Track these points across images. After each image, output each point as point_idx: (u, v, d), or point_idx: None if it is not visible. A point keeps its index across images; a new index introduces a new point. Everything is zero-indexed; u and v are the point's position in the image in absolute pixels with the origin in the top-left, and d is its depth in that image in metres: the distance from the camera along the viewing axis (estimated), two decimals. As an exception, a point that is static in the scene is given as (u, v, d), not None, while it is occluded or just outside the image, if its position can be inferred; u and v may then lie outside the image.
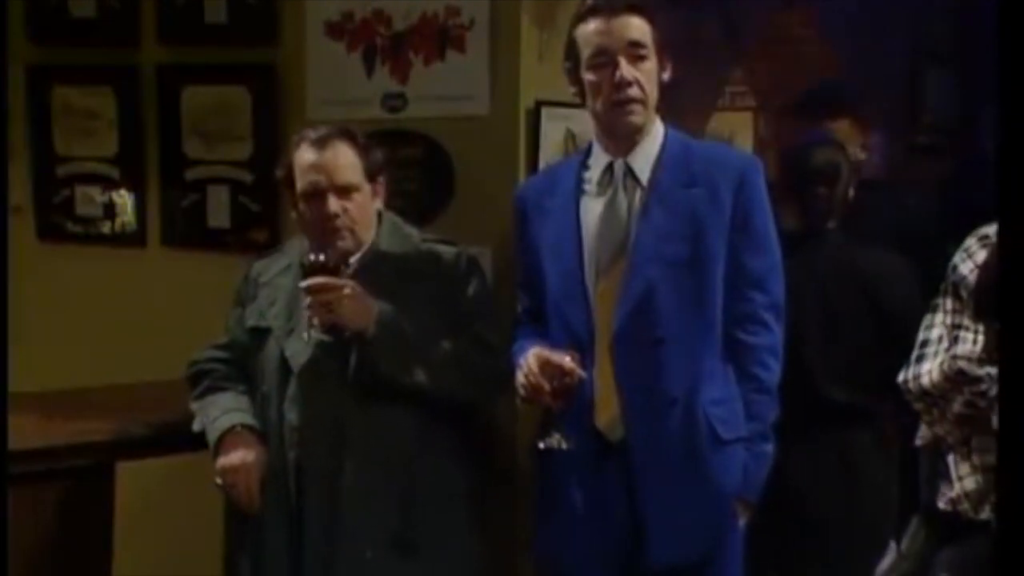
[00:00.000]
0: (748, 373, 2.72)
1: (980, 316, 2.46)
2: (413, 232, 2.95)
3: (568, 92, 2.84)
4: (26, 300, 3.63)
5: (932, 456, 2.67)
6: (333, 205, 2.78)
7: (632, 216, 2.73)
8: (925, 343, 2.58)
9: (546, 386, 2.62)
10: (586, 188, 2.79)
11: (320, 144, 2.81)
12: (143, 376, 3.46)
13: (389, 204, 2.95)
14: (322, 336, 2.73)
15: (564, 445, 2.65)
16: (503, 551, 3.12)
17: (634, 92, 2.70)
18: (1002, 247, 2.27)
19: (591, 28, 2.72)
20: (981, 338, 2.46)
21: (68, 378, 3.54)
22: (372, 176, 2.86)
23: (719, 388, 2.71)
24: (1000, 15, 2.23)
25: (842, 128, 3.62)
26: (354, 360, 2.73)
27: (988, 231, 2.55)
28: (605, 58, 2.70)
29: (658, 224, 2.70)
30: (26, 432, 2.74)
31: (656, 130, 2.79)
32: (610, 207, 2.75)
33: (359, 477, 2.73)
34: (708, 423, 2.68)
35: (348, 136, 2.85)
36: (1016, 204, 2.13)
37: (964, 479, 2.52)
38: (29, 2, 4.03)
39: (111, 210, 4.01)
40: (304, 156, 2.81)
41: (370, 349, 2.71)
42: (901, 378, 2.60)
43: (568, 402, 2.65)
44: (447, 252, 2.90)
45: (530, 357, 2.65)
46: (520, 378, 2.67)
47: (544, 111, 3.25)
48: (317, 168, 2.79)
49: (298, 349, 2.80)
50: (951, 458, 2.56)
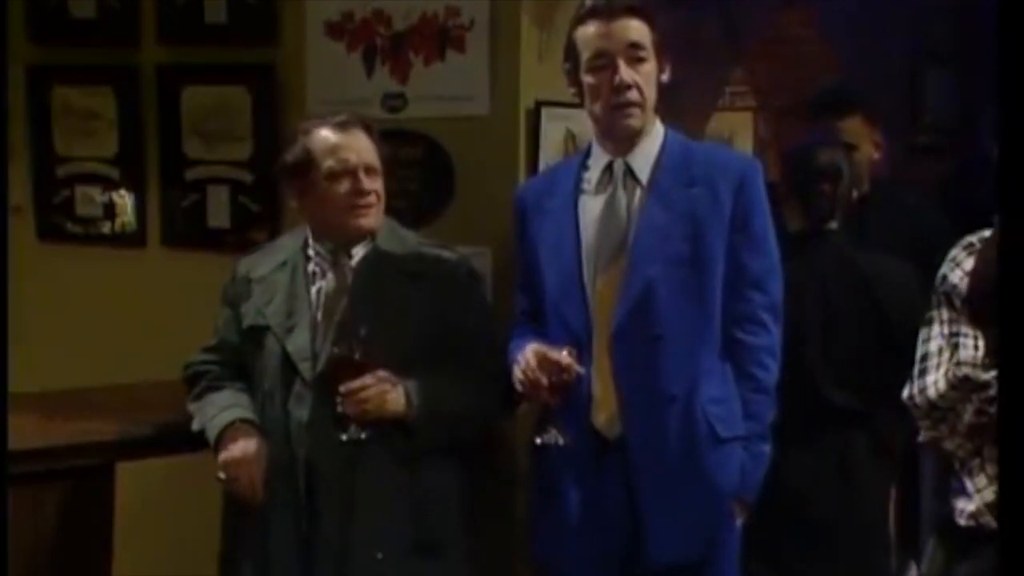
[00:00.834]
0: (746, 373, 2.72)
1: (978, 321, 2.45)
2: (410, 234, 2.94)
3: (568, 92, 2.84)
4: (26, 300, 3.63)
5: (937, 466, 2.65)
6: (366, 182, 2.79)
7: (631, 215, 2.73)
8: (925, 356, 2.57)
9: (544, 381, 2.62)
10: (585, 188, 2.80)
11: (343, 127, 2.82)
12: (143, 376, 3.46)
13: (389, 205, 2.94)
14: (362, 434, 2.69)
15: (561, 441, 2.65)
16: (503, 551, 3.12)
17: (633, 95, 2.70)
18: (1002, 247, 2.27)
19: (590, 30, 2.72)
20: (982, 343, 2.46)
21: (68, 378, 3.54)
22: (384, 164, 2.87)
23: (717, 387, 2.71)
24: (1000, 15, 2.23)
25: (853, 126, 3.60)
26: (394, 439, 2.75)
27: (972, 239, 2.55)
28: (604, 60, 2.70)
29: (657, 223, 2.70)
30: (26, 432, 2.74)
31: (656, 131, 2.79)
32: (609, 206, 2.75)
33: (373, 476, 2.73)
34: (706, 422, 2.68)
35: (363, 123, 2.87)
36: (1016, 204, 2.14)
37: (983, 491, 2.49)
38: (29, 2, 4.03)
39: (111, 210, 4.01)
40: (328, 138, 2.81)
41: (409, 431, 2.73)
42: (906, 394, 2.58)
43: (565, 398, 2.65)
44: (447, 256, 2.90)
45: (528, 353, 2.65)
46: (518, 374, 2.67)
47: (544, 111, 3.25)
48: (346, 147, 2.80)
49: (301, 346, 2.79)
50: (965, 473, 2.54)
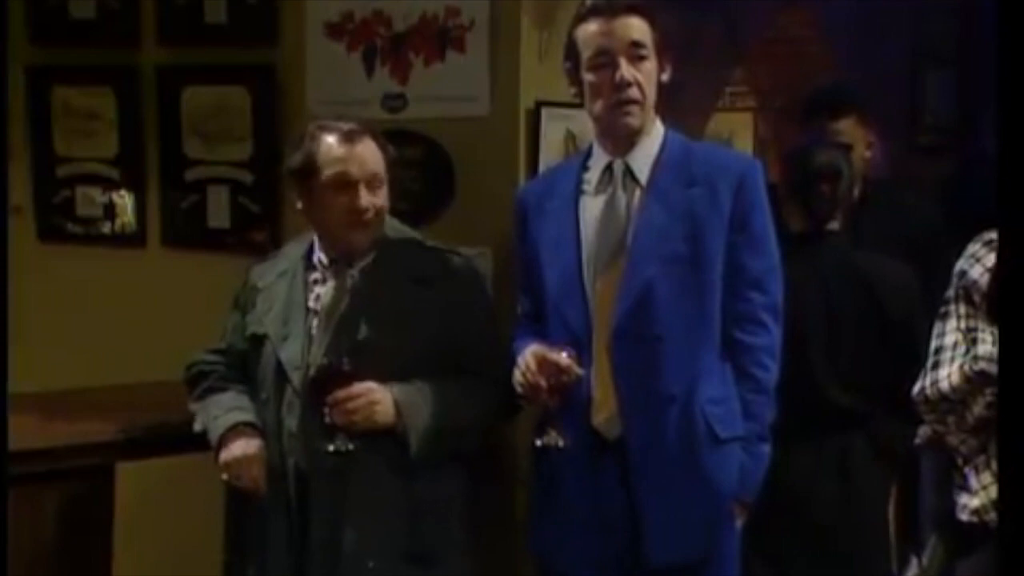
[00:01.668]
0: (746, 373, 2.72)
1: (997, 317, 2.45)
2: (415, 235, 2.94)
3: (568, 92, 2.84)
4: (26, 300, 3.62)
5: (937, 465, 2.65)
6: (365, 198, 2.77)
7: (631, 215, 2.73)
8: (940, 349, 2.56)
9: (543, 384, 2.62)
10: (585, 188, 2.80)
11: (350, 137, 2.80)
12: (143, 376, 3.46)
13: (390, 206, 2.94)
14: (349, 445, 2.68)
15: (561, 443, 2.65)
16: (503, 552, 3.12)
17: (633, 93, 2.70)
18: (1002, 247, 2.27)
19: (591, 29, 2.72)
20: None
21: (68, 378, 3.54)
22: (391, 172, 2.86)
23: (717, 387, 2.71)
24: (1000, 15, 2.23)
25: (848, 127, 3.61)
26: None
27: (992, 235, 2.54)
28: (605, 59, 2.70)
29: (657, 223, 2.70)
30: (26, 433, 2.74)
31: (656, 131, 2.79)
32: (609, 206, 2.75)
33: (366, 484, 2.72)
34: (706, 422, 2.68)
35: (371, 133, 2.85)
36: (1016, 204, 2.14)
37: (988, 487, 2.49)
38: (29, 2, 4.03)
39: (111, 211, 4.01)
40: (333, 147, 2.79)
41: (400, 440, 2.71)
42: (916, 388, 2.58)
43: (565, 400, 2.65)
44: (453, 259, 2.89)
45: (527, 355, 2.65)
46: (518, 376, 2.67)
47: (544, 111, 3.25)
48: (349, 159, 2.78)
49: (293, 355, 2.79)
50: (969, 469, 2.53)
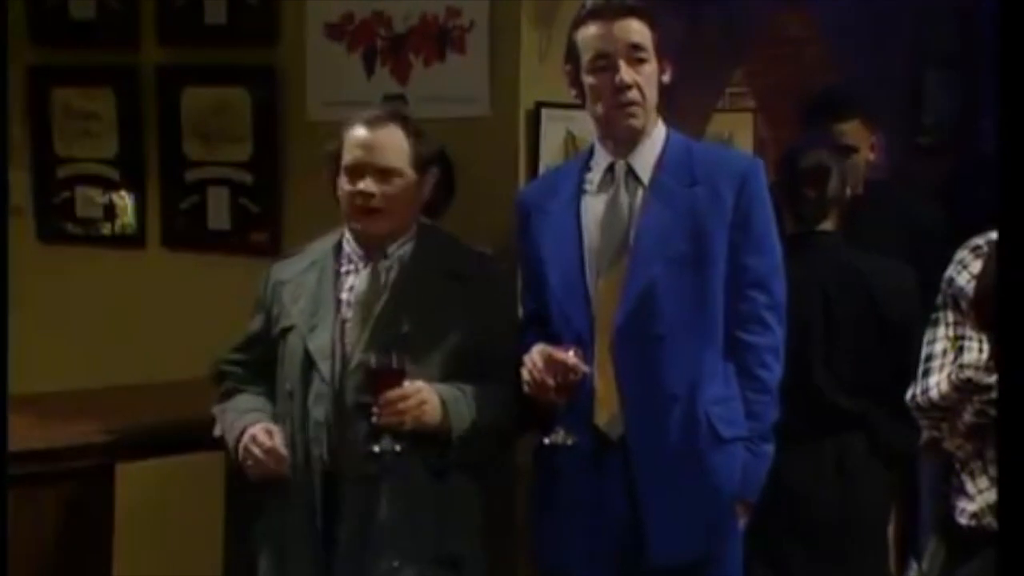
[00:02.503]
0: (749, 373, 2.72)
1: (984, 326, 2.45)
2: (447, 233, 2.91)
3: (568, 93, 2.84)
4: (26, 301, 3.63)
5: (937, 468, 2.65)
6: (369, 185, 2.75)
7: (633, 214, 2.73)
8: (930, 357, 2.57)
9: (550, 382, 2.62)
10: (587, 188, 2.79)
11: (372, 123, 2.77)
12: (143, 377, 3.47)
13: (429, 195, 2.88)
14: (396, 446, 2.64)
15: (570, 441, 2.65)
16: (503, 553, 3.12)
17: (634, 95, 2.70)
18: (1002, 248, 2.27)
19: (591, 31, 2.71)
20: (987, 347, 2.45)
21: (68, 379, 3.54)
22: (421, 166, 2.79)
23: (720, 386, 2.71)
24: (1001, 16, 2.23)
25: (853, 129, 3.60)
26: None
27: (979, 241, 2.54)
28: (605, 61, 2.69)
29: (659, 222, 2.70)
30: (26, 433, 2.74)
31: (657, 132, 2.79)
32: (611, 206, 2.75)
33: (399, 483, 2.68)
34: (708, 421, 2.68)
35: (401, 120, 2.81)
36: (1016, 205, 2.13)
37: (984, 492, 2.49)
38: (29, 3, 4.03)
39: (111, 211, 4.01)
40: (355, 132, 2.78)
41: (441, 443, 2.69)
42: (909, 395, 2.58)
43: (572, 398, 2.65)
44: (484, 258, 2.88)
45: (534, 353, 2.65)
46: (525, 374, 2.67)
47: (544, 112, 3.26)
48: (363, 145, 2.75)
49: (322, 345, 2.75)
50: (966, 473, 2.54)
